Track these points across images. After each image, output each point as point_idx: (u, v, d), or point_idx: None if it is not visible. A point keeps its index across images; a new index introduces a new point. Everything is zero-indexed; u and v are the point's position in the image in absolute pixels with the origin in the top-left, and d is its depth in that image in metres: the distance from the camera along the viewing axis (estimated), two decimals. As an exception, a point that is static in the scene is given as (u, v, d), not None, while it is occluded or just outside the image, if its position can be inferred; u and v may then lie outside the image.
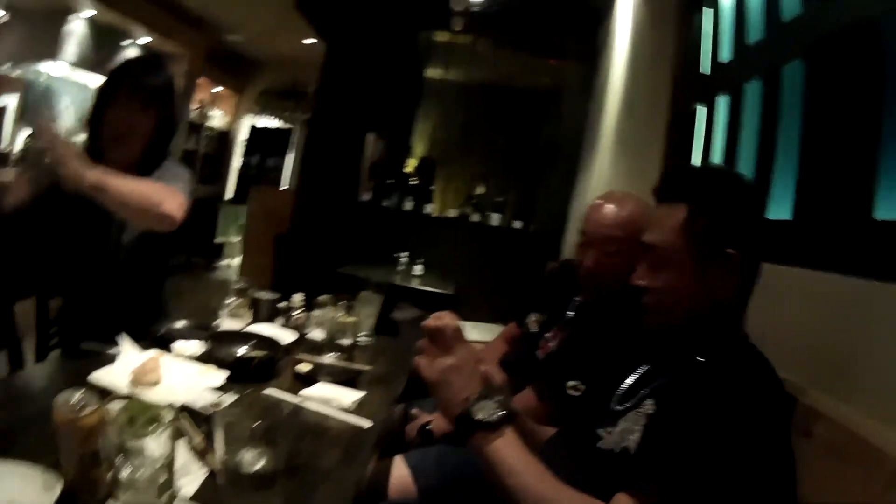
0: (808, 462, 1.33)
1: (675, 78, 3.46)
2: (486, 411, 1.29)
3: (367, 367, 2.21)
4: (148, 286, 2.53)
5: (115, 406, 1.14)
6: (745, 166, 2.59)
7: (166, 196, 2.13)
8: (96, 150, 2.25)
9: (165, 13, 8.48)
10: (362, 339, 2.62)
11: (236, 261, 8.89)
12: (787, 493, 1.32)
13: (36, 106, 7.69)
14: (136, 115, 2.24)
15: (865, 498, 1.11)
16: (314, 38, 7.55)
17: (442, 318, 1.38)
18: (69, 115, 7.97)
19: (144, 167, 2.28)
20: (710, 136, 3.07)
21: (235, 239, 9.87)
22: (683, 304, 1.41)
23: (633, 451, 1.33)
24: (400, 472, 2.08)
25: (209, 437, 1.35)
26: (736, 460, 1.17)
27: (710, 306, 1.39)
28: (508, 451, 1.27)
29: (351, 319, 2.38)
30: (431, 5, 6.57)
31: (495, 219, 6.90)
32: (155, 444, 1.08)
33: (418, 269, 5.98)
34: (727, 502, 1.17)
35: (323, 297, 2.56)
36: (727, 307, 1.40)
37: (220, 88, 11.39)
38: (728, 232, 1.37)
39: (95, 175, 1.96)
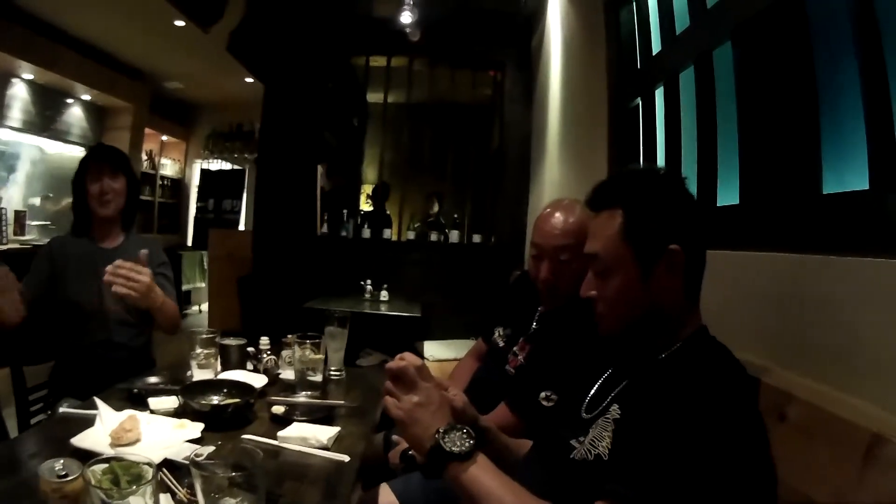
0: (785, 445, 1.34)
1: (610, 76, 3.51)
2: (456, 442, 1.32)
3: (341, 402, 2.22)
4: (137, 344, 3.03)
5: (98, 468, 1.16)
6: (689, 155, 2.61)
7: (175, 309, 2.87)
8: (84, 210, 2.97)
9: (104, 68, 8.44)
10: (334, 374, 2.64)
11: (205, 306, 8.80)
12: (766, 477, 1.35)
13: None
14: (112, 180, 2.94)
15: (843, 475, 1.12)
16: (250, 77, 7.55)
17: (404, 359, 1.44)
18: (28, 177, 7.99)
19: (127, 220, 3.11)
20: (652, 129, 3.10)
21: (201, 284, 9.79)
22: (634, 307, 1.43)
23: (606, 457, 1.34)
24: (386, 499, 2.10)
25: (192, 490, 1.36)
26: (705, 451, 1.17)
27: (660, 304, 1.40)
28: (484, 476, 1.30)
29: (318, 356, 2.39)
30: (363, 32, 6.62)
31: (454, 235, 6.93)
32: (139, 502, 1.10)
33: (384, 295, 5.98)
34: (706, 496, 1.20)
35: (289, 337, 2.56)
36: (677, 302, 1.42)
37: (167, 137, 11.34)
38: (665, 228, 1.39)
39: (159, 295, 2.65)
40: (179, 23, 6.81)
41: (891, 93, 1.42)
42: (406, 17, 6.03)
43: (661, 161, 2.94)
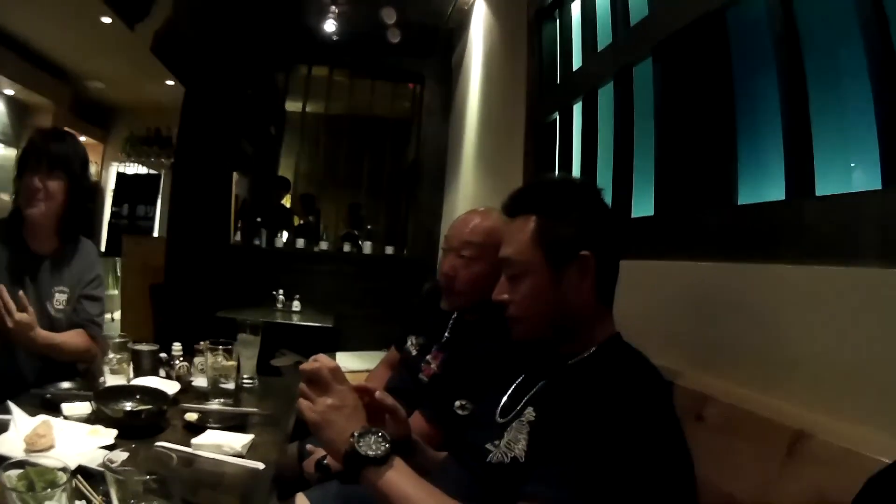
0: (703, 445, 1.36)
1: (530, 91, 3.55)
2: (372, 446, 1.29)
3: (254, 410, 2.19)
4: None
5: (13, 473, 1.11)
6: (605, 168, 2.65)
7: (86, 343, 2.60)
8: (18, 213, 2.51)
9: (27, 63, 8.12)
10: (246, 381, 2.58)
11: (118, 314, 8.52)
12: (683, 472, 1.38)
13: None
14: (45, 179, 2.45)
15: (765, 472, 1.14)
16: (173, 80, 7.39)
17: (318, 360, 1.40)
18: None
19: (65, 228, 2.61)
20: (569, 142, 3.15)
21: (114, 292, 9.47)
22: (546, 310, 1.45)
23: (523, 459, 1.35)
24: (303, 510, 2.06)
25: (107, 497, 1.31)
26: (622, 449, 1.20)
27: (571, 308, 1.43)
28: (400, 480, 1.28)
29: (231, 363, 2.33)
30: (286, 40, 6.56)
31: (367, 247, 6.93)
32: None
33: (296, 305, 5.94)
34: (624, 493, 1.21)
35: (202, 344, 2.50)
36: (589, 307, 1.45)
37: (85, 139, 10.92)
38: (577, 234, 1.43)
39: (44, 338, 2.37)
40: (106, 19, 6.56)
41: (809, 103, 1.47)
42: (330, 27, 6.01)
43: (576, 174, 2.98)
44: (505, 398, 1.55)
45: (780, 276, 1.39)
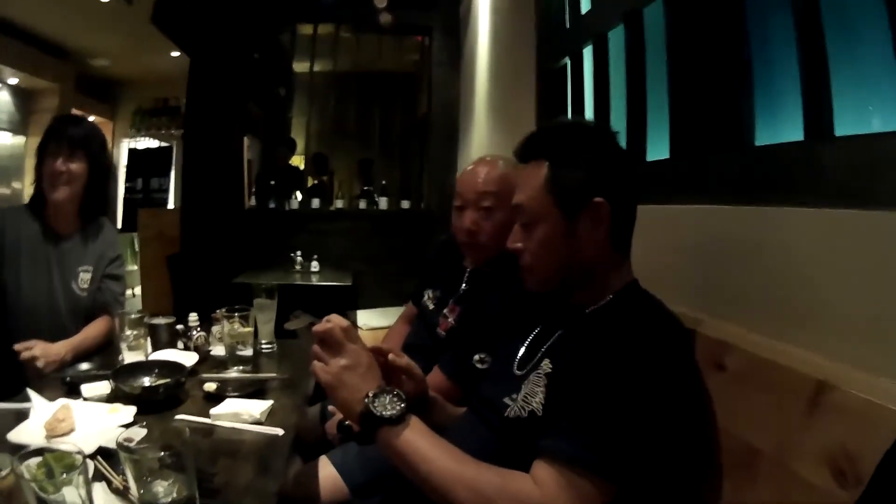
0: (724, 394, 1.35)
1: (539, 37, 3.48)
2: (387, 406, 1.29)
3: (272, 375, 2.20)
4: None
5: (32, 462, 1.12)
6: (618, 113, 2.60)
7: (107, 326, 2.68)
8: (41, 196, 2.61)
9: (29, 48, 8.09)
10: (265, 346, 2.58)
11: (138, 289, 8.57)
12: (702, 424, 1.36)
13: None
14: (67, 161, 2.56)
15: (787, 423, 1.12)
16: (177, 50, 7.33)
17: (330, 320, 1.39)
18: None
19: (86, 209, 2.72)
20: (580, 88, 3.09)
21: (133, 267, 9.51)
22: (559, 259, 1.43)
23: (540, 413, 1.34)
24: (327, 471, 2.08)
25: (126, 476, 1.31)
26: (640, 401, 1.19)
27: (586, 256, 1.41)
28: (417, 439, 1.27)
29: (248, 329, 2.33)
30: (289, 0, 6.47)
31: (383, 202, 6.91)
32: (72, 493, 1.08)
33: (314, 266, 5.93)
34: (642, 445, 1.20)
35: (218, 312, 2.49)
36: (604, 255, 1.42)
37: (93, 117, 10.89)
38: (589, 180, 1.40)
39: (69, 350, 2.41)
40: None
41: (826, 42, 1.41)
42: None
43: (589, 119, 2.91)
44: (522, 350, 1.54)
45: (801, 220, 1.34)
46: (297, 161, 8.46)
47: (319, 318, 1.42)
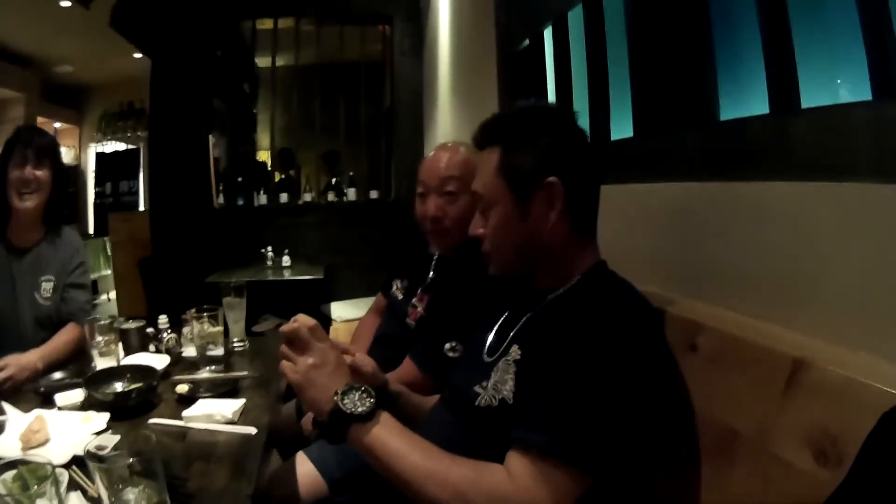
0: (699, 376, 1.34)
1: (498, 19, 3.46)
2: (357, 402, 1.28)
3: (244, 374, 2.19)
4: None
5: (8, 476, 1.14)
6: (580, 93, 2.59)
7: (76, 334, 2.57)
8: (4, 203, 2.56)
9: None
10: (236, 345, 2.57)
11: (112, 294, 8.51)
12: (676, 408, 1.35)
13: None
14: (34, 169, 2.55)
15: (765, 403, 1.11)
16: (138, 52, 7.26)
17: (297, 320, 1.39)
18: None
19: (50, 216, 2.70)
20: (542, 70, 3.08)
21: (107, 272, 9.43)
22: (514, 241, 1.43)
23: (511, 401, 1.33)
24: (304, 468, 2.06)
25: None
26: (611, 387, 1.17)
27: (544, 239, 1.40)
28: (388, 435, 1.27)
29: (217, 329, 2.30)
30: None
31: (351, 193, 6.91)
32: None
33: (286, 261, 5.91)
34: (616, 430, 1.18)
35: (188, 313, 2.46)
36: (563, 236, 1.41)
37: (60, 124, 10.85)
38: (539, 161, 1.39)
39: (40, 359, 2.32)
40: (64, 3, 6.50)
41: (788, 11, 1.40)
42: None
43: (552, 101, 2.90)
44: (491, 336, 1.53)
45: (770, 194, 1.33)
46: (264, 156, 8.41)
47: (288, 320, 1.42)
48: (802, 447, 1.00)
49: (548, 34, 2.99)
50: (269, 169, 8.08)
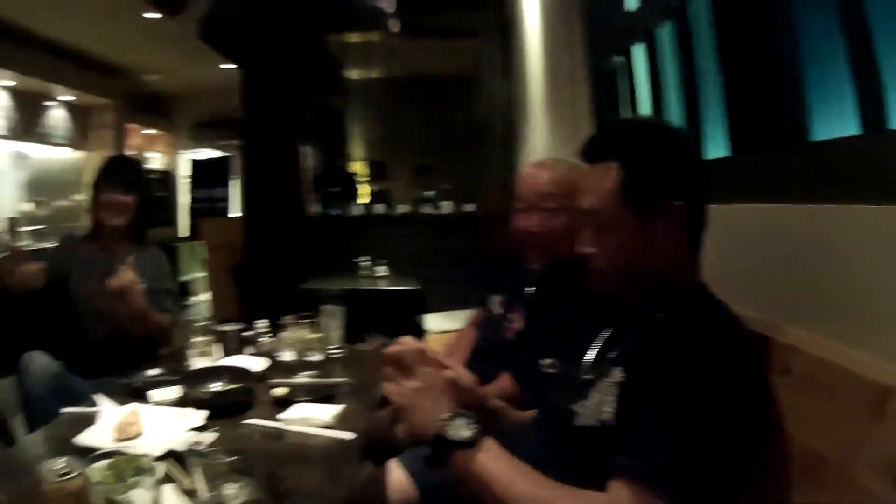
0: (791, 399, 1.32)
1: (588, 35, 3.46)
2: (460, 430, 1.27)
3: (341, 380, 2.23)
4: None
5: (101, 465, 1.16)
6: (673, 110, 2.58)
7: (167, 322, 2.97)
8: (97, 222, 3.04)
9: (81, 68, 8.32)
10: (333, 352, 2.62)
11: (205, 296, 8.77)
12: (772, 436, 1.33)
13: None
14: (123, 195, 2.96)
15: (853, 429, 1.09)
16: (227, 63, 7.47)
17: (403, 343, 1.40)
18: (12, 183, 7.90)
19: (136, 230, 3.11)
20: (633, 87, 3.07)
21: (200, 275, 9.72)
22: (633, 264, 1.38)
23: (612, 423, 1.30)
24: (396, 476, 2.07)
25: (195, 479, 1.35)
26: (716, 417, 1.16)
27: (660, 262, 1.36)
28: (493, 463, 1.25)
29: (317, 335, 2.37)
30: (336, 9, 6.53)
31: (446, 206, 6.92)
32: (142, 495, 1.12)
33: (382, 271, 5.92)
34: (719, 459, 1.17)
35: (286, 318, 2.54)
36: (679, 260, 1.38)
37: (151, 131, 11.22)
38: (665, 183, 1.35)
39: (163, 319, 2.90)
40: (149, 15, 6.63)
41: (872, 33, 1.38)
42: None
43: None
44: (590, 354, 1.49)
45: (862, 217, 1.31)
46: (357, 167, 8.54)
47: (391, 339, 1.44)
48: (885, 477, 0.99)
49: (638, 51, 2.98)
50: (361, 180, 8.19)
